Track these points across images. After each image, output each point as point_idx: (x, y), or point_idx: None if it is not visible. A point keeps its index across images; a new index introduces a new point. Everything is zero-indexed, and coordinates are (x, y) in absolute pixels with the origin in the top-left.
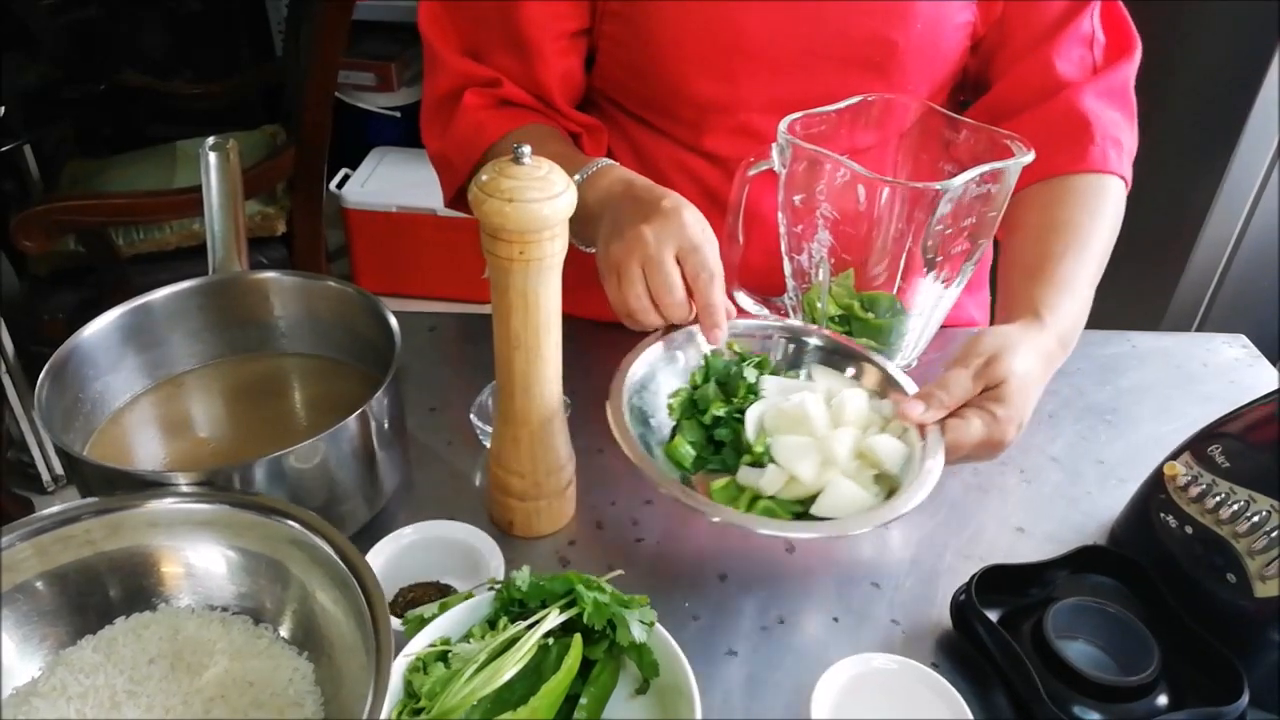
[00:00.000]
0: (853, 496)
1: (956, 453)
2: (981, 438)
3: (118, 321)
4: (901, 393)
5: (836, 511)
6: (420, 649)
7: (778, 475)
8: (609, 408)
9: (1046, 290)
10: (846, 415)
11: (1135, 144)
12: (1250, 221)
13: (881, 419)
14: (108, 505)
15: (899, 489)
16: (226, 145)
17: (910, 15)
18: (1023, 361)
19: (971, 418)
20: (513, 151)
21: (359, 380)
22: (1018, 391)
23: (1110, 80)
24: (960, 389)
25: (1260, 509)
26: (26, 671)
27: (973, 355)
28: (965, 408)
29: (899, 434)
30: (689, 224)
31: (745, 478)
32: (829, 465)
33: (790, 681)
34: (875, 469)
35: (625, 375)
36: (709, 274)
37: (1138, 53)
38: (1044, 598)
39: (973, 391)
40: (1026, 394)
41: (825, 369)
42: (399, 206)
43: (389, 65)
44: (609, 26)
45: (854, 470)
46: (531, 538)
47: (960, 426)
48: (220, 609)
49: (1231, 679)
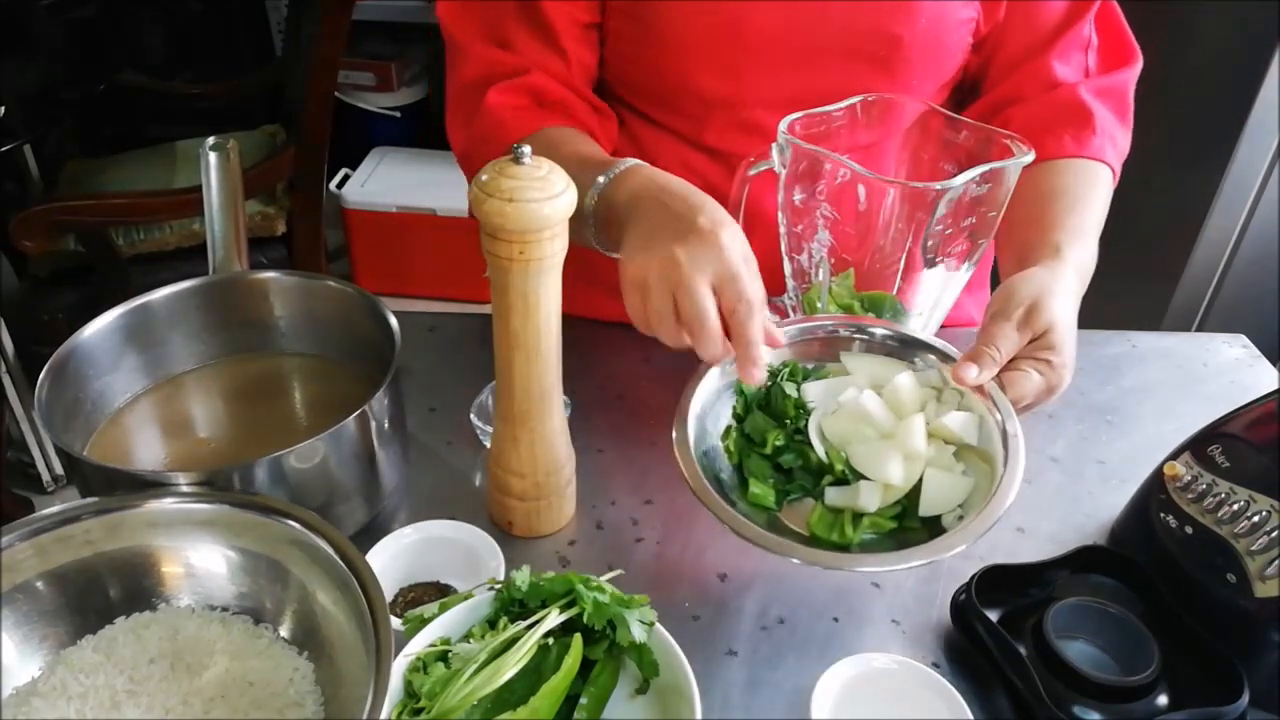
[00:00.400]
0: (952, 485)
1: (1019, 405)
2: (1041, 388)
3: (118, 321)
4: (938, 354)
5: (942, 506)
6: (420, 649)
7: (874, 489)
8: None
9: (1060, 234)
10: (904, 401)
11: (1127, 148)
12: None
13: (933, 390)
14: (108, 505)
15: (989, 458)
16: (226, 145)
17: (915, 10)
18: (1061, 305)
19: (1029, 370)
20: (512, 151)
21: (359, 380)
22: (1065, 336)
23: (1111, 81)
24: (1009, 343)
25: (1260, 509)
26: (26, 671)
27: (1012, 305)
28: (1019, 359)
29: (957, 401)
30: (727, 248)
31: (838, 499)
32: (913, 460)
33: (790, 681)
34: (954, 445)
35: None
36: (747, 305)
37: (1139, 63)
38: (1044, 598)
39: (1020, 343)
40: (1071, 335)
41: (854, 355)
42: (399, 206)
43: (389, 65)
44: (616, 22)
45: (934, 455)
46: (531, 538)
47: (1021, 381)
48: (220, 609)
49: (1232, 679)
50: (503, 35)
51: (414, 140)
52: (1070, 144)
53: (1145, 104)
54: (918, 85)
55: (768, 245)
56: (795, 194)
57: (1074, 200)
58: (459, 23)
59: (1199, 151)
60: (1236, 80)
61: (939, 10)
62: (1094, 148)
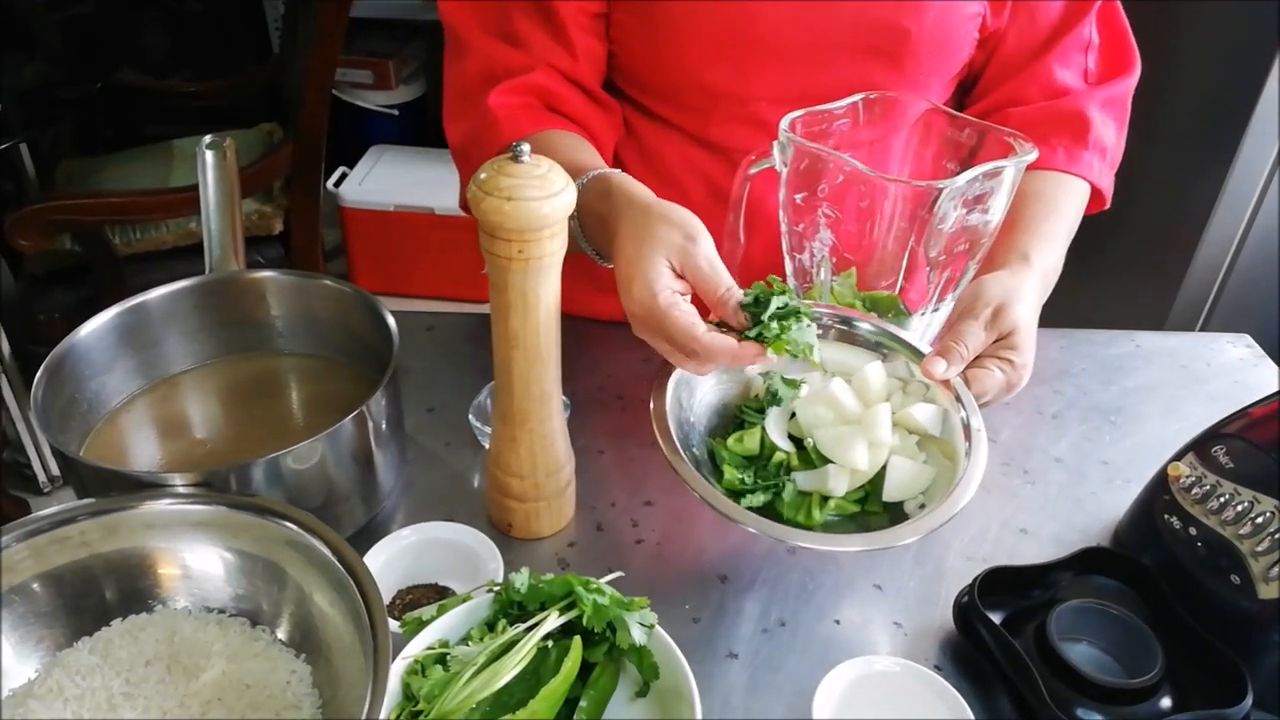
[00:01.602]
0: (915, 472)
1: (981, 400)
2: (1002, 385)
3: (114, 321)
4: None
5: (905, 492)
6: (419, 651)
7: (842, 473)
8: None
9: (1030, 238)
10: (871, 390)
11: (1120, 157)
12: (1254, 221)
13: (900, 381)
14: (104, 506)
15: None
16: (223, 144)
17: (923, 4)
18: (1026, 309)
19: (992, 368)
20: (512, 150)
21: (356, 380)
22: (1027, 338)
23: (1113, 91)
24: (976, 340)
25: (1264, 510)
26: (23, 673)
27: (980, 305)
28: (983, 357)
29: (923, 393)
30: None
31: (807, 483)
32: (878, 447)
33: (792, 684)
34: (917, 435)
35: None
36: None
37: (1138, 70)
38: (1047, 599)
39: (986, 342)
40: (1032, 338)
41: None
42: (397, 205)
43: (387, 63)
44: (621, 15)
45: (899, 444)
46: (530, 539)
47: (984, 377)
48: (217, 611)
49: (1235, 681)
50: (508, 29)
51: (412, 138)
52: (1062, 157)
53: (1148, 104)
54: (924, 80)
55: (769, 244)
56: (796, 192)
57: (1049, 207)
58: (462, 15)
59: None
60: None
61: (946, 4)
62: (1083, 163)
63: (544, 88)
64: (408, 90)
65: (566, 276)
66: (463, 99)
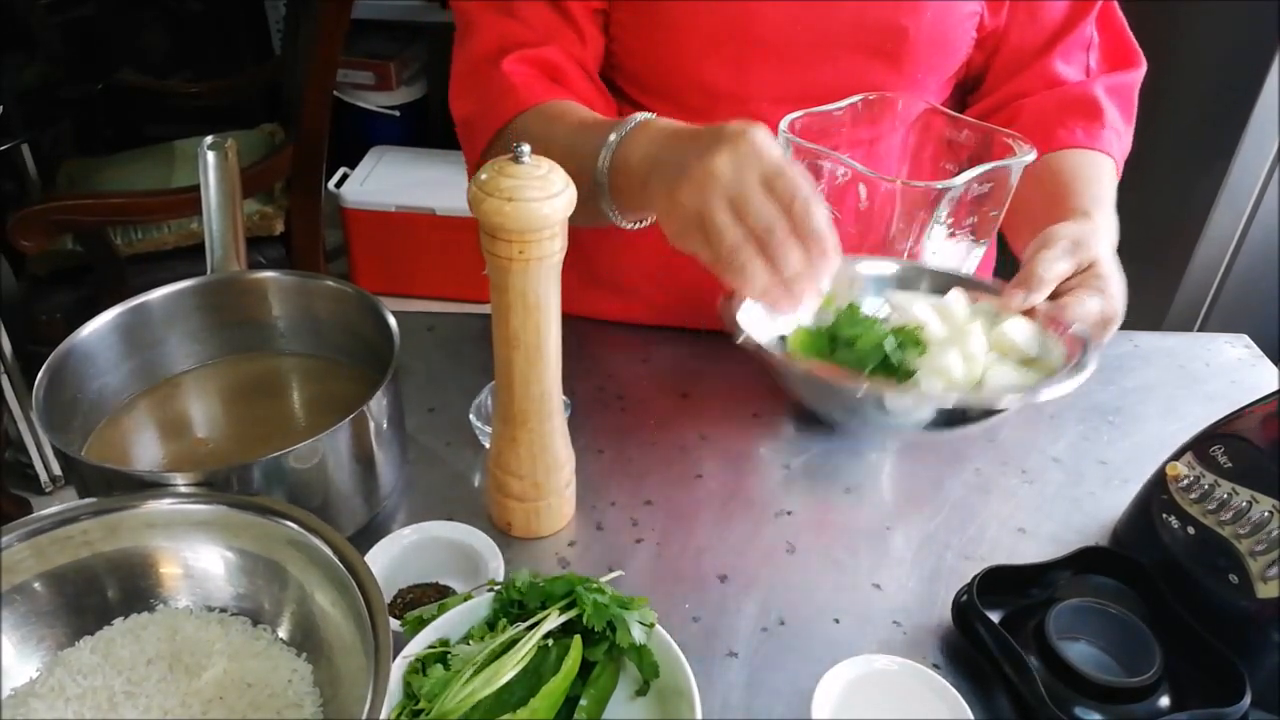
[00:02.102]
0: (1020, 379)
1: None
2: (1099, 315)
3: (115, 321)
4: (988, 291)
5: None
6: (419, 650)
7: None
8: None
9: (1082, 200)
10: (957, 314)
11: (1129, 148)
12: (1252, 221)
13: (987, 316)
14: (106, 506)
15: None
16: (225, 144)
17: (921, 3)
18: (1105, 246)
19: (1084, 296)
20: (512, 150)
21: (357, 380)
22: (1112, 270)
23: (1120, 80)
24: (1056, 267)
25: (1262, 509)
26: (24, 672)
27: (1055, 239)
28: (1072, 287)
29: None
30: (763, 144)
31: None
32: (971, 361)
33: (791, 683)
34: (1015, 357)
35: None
36: (804, 198)
37: (1143, 67)
38: (1046, 599)
39: (1067, 271)
40: (1119, 273)
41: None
42: (398, 206)
43: (388, 64)
44: (622, 14)
45: (994, 362)
46: (531, 539)
47: (1077, 304)
48: (219, 610)
49: (1234, 680)
50: (519, 11)
51: (413, 139)
52: (1081, 135)
53: (1147, 103)
54: (923, 79)
55: None
56: None
57: (1088, 180)
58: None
59: (1201, 151)
60: (1238, 79)
61: (944, 4)
62: (1103, 140)
63: (555, 63)
64: (409, 91)
65: (567, 277)
66: (471, 74)
